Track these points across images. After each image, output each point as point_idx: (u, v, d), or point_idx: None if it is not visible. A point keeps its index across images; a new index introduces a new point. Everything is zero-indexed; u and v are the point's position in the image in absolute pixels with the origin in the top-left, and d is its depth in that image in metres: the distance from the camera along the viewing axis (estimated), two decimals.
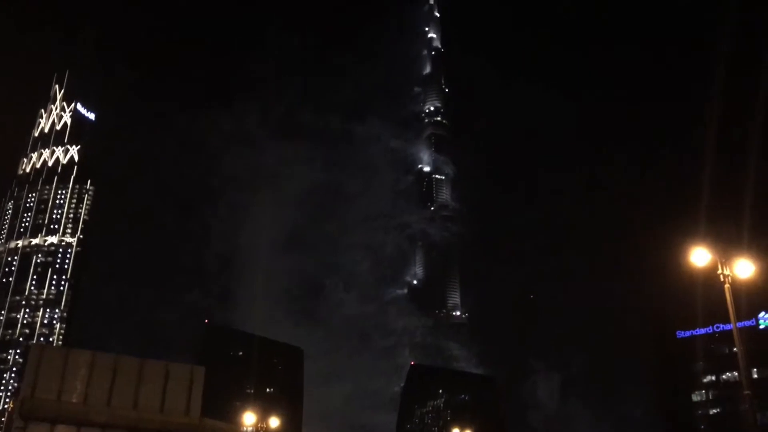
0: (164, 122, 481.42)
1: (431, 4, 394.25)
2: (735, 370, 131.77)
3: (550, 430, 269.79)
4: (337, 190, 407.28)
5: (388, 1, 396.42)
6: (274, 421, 70.09)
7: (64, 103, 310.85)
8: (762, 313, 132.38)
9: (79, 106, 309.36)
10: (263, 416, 68.02)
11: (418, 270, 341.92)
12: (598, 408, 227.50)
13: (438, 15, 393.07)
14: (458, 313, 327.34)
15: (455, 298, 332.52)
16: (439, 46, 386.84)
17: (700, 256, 31.51)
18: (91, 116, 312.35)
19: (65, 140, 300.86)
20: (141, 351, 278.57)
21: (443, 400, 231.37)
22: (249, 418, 67.37)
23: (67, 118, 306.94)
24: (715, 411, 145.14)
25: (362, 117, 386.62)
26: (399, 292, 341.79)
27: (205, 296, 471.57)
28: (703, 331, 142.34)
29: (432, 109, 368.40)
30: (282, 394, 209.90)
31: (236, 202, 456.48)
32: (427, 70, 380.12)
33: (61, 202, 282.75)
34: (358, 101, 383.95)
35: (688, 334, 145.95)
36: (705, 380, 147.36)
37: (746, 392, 34.19)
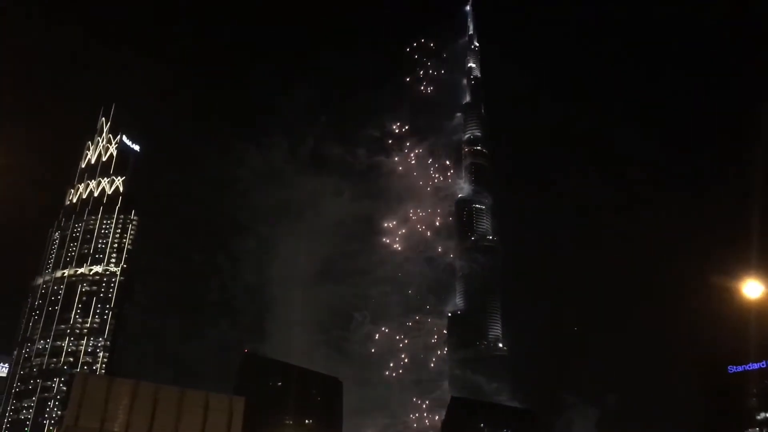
0: (197, 156, 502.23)
1: (470, 34, 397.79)
2: None
3: None
4: (368, 222, 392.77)
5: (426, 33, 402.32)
6: None
7: (110, 135, 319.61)
8: None
9: (124, 138, 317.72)
10: None
11: (458, 301, 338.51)
12: None
13: (477, 44, 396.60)
14: (500, 345, 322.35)
15: (496, 330, 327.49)
16: (479, 75, 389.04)
17: (752, 288, 30.48)
18: (136, 147, 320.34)
19: (111, 171, 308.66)
20: (176, 380, 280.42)
21: None
22: None
23: (113, 149, 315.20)
24: None
25: (394, 148, 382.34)
26: (438, 323, 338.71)
27: (235, 327, 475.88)
28: (756, 365, 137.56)
29: (472, 137, 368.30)
30: (320, 425, 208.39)
31: (265, 235, 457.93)
32: (467, 99, 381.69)
33: (106, 232, 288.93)
34: (392, 131, 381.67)
35: (740, 368, 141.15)
36: (759, 417, 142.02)
37: None
